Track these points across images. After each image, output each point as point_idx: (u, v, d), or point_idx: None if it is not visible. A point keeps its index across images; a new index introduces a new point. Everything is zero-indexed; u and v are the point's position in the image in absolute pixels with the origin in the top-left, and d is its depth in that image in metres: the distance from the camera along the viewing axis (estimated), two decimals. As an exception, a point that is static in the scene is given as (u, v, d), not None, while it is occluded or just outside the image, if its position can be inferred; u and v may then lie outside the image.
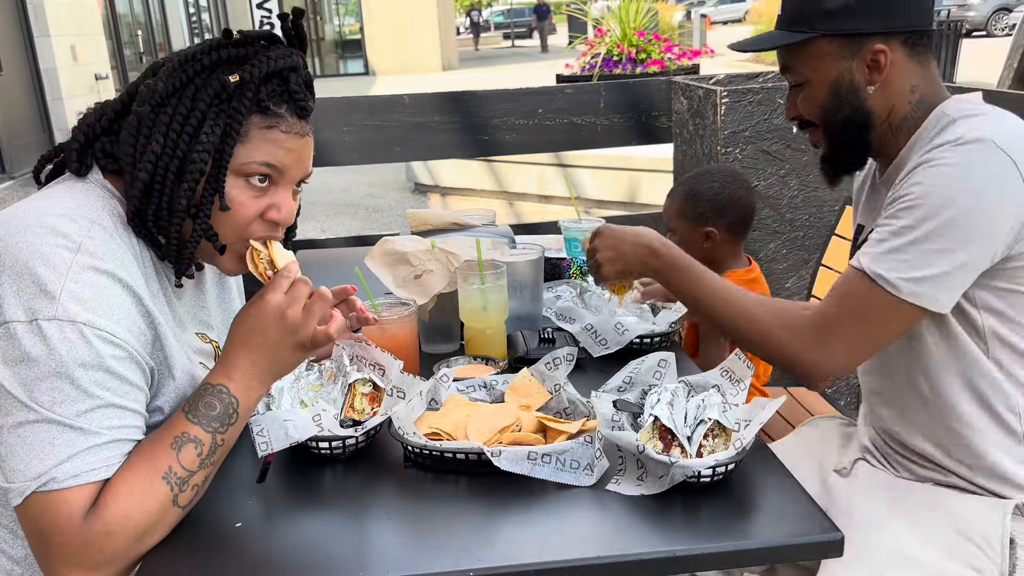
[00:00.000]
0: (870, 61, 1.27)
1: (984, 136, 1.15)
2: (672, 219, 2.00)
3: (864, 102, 1.29)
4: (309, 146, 1.16)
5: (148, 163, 1.06)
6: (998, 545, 1.25)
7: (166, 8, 16.82)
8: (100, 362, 0.99)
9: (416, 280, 1.55)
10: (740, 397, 1.19)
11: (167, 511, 1.00)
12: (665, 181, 3.10)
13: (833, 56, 1.29)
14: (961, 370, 1.27)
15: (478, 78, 19.33)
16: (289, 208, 1.15)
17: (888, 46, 1.26)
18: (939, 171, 1.17)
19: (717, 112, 2.76)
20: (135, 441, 1.03)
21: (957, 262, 1.16)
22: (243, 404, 1.08)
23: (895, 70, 1.28)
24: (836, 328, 1.23)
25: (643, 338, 1.56)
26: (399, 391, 1.29)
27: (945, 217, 1.15)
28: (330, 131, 3.01)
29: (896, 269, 1.17)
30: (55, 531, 0.96)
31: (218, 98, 1.08)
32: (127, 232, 1.10)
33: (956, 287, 1.18)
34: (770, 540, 0.99)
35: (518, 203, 6.97)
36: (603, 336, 1.53)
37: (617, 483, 1.09)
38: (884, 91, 1.29)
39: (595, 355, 1.52)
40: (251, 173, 1.10)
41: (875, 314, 1.20)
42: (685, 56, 7.40)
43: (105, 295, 1.01)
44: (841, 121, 1.31)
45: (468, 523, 1.05)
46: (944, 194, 1.15)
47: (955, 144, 1.17)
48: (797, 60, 1.33)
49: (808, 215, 2.89)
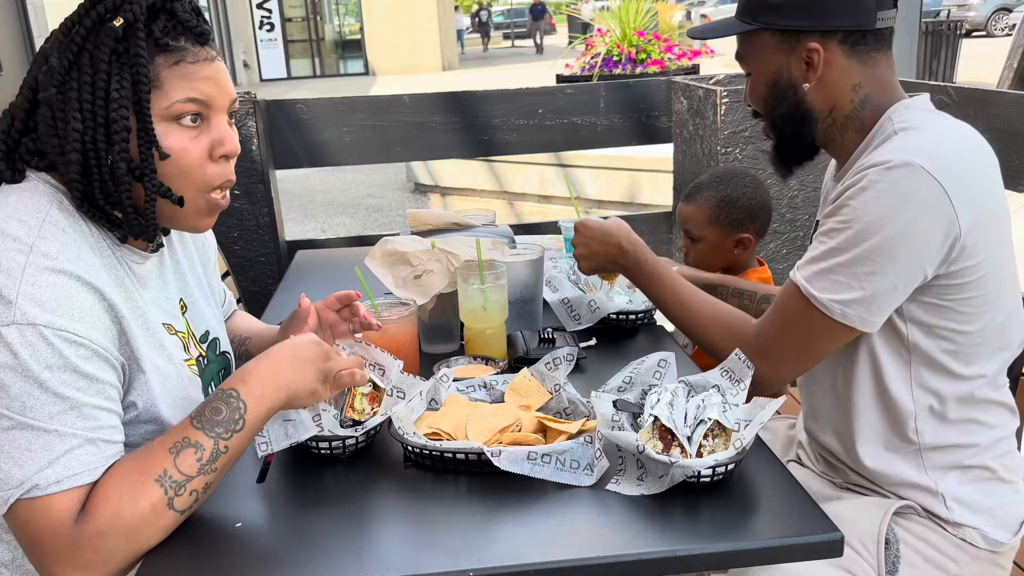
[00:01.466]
0: (806, 59, 1.28)
1: (912, 160, 1.15)
2: (699, 226, 1.91)
3: (802, 98, 1.31)
4: (223, 70, 1.14)
5: (74, 143, 1.04)
6: (872, 544, 1.28)
7: (166, 8, 16.79)
8: (66, 363, 0.97)
9: (416, 280, 1.55)
10: (740, 397, 1.19)
11: (160, 513, 0.99)
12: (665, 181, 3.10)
13: (772, 50, 1.30)
14: (875, 375, 1.30)
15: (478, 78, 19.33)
16: (232, 138, 1.13)
17: (823, 45, 1.26)
18: (868, 195, 1.17)
19: (717, 112, 2.76)
20: (114, 442, 1.02)
21: (886, 284, 1.18)
22: (252, 410, 1.06)
23: (832, 69, 1.28)
24: (776, 343, 1.28)
25: (619, 315, 1.63)
26: (399, 391, 1.29)
27: (875, 241, 1.16)
28: (330, 131, 3.01)
29: (828, 290, 1.21)
30: (46, 535, 0.96)
31: (115, 53, 1.04)
32: (81, 223, 1.07)
33: (885, 308, 1.21)
34: (770, 540, 0.99)
35: (518, 203, 6.98)
36: (577, 312, 1.64)
37: (617, 483, 1.09)
38: (821, 89, 1.29)
39: (569, 329, 1.61)
40: (179, 114, 1.07)
41: (811, 332, 1.24)
42: (685, 56, 7.41)
43: (63, 294, 0.99)
44: (781, 115, 1.34)
45: (468, 523, 1.05)
46: (873, 219, 1.16)
47: (884, 167, 1.17)
48: (745, 50, 1.36)
49: (808, 215, 2.89)
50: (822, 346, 1.26)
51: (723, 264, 1.92)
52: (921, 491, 1.31)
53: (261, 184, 2.86)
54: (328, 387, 1.14)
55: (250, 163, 2.83)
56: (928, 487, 1.30)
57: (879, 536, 1.28)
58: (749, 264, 1.96)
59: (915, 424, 1.29)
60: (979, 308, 1.22)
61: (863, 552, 1.29)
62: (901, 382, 1.28)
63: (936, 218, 1.15)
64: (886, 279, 1.17)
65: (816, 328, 1.23)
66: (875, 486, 1.36)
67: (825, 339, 1.25)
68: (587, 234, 1.52)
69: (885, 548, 1.28)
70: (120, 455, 1.03)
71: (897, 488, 1.33)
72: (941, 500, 1.30)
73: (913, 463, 1.31)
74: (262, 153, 2.84)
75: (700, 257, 1.92)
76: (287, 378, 1.10)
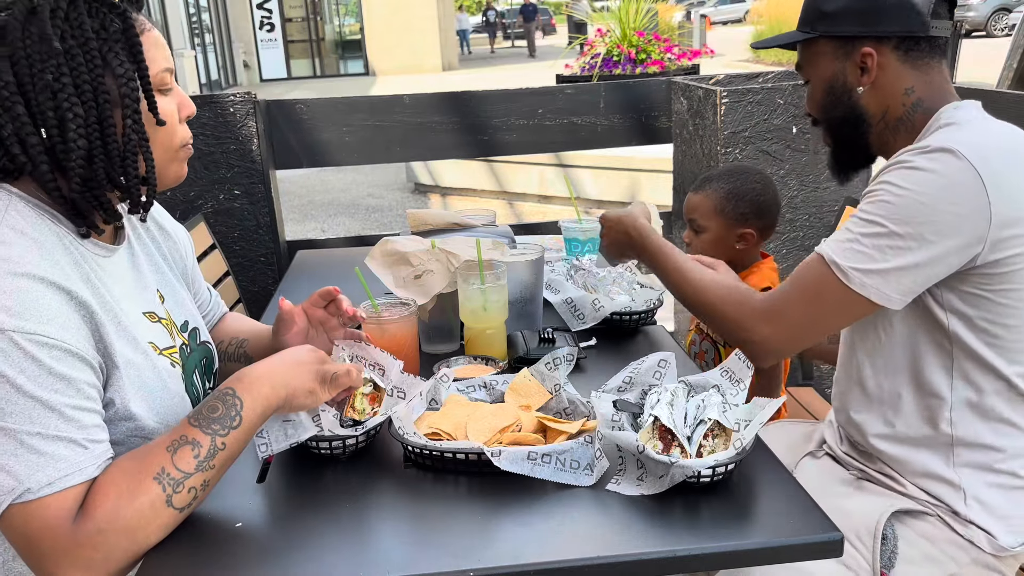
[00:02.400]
0: (860, 63, 1.32)
1: (951, 147, 1.17)
2: (704, 216, 1.92)
3: (856, 102, 1.35)
4: None
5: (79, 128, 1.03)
6: (868, 538, 1.29)
7: (166, 8, 16.82)
8: (41, 366, 0.96)
9: (416, 280, 1.55)
10: (740, 397, 1.19)
11: (160, 511, 0.99)
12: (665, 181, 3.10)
13: (829, 56, 1.36)
14: (913, 364, 1.31)
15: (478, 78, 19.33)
16: (189, 100, 1.19)
17: (877, 50, 1.31)
18: (905, 173, 1.20)
19: (717, 112, 2.76)
20: (100, 441, 1.01)
21: (907, 261, 1.18)
22: (248, 408, 1.06)
23: (885, 73, 1.32)
24: (785, 307, 1.28)
25: (620, 315, 1.64)
26: (399, 391, 1.29)
27: (903, 217, 1.18)
28: (330, 131, 3.01)
29: (850, 259, 1.21)
30: (45, 536, 0.96)
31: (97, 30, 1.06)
32: (40, 223, 1.05)
33: (907, 286, 1.20)
34: (770, 540, 0.99)
35: (518, 203, 6.98)
36: (581, 311, 1.65)
37: (617, 483, 1.09)
38: (875, 92, 1.33)
39: (573, 328, 1.62)
40: (162, 83, 1.12)
41: (824, 298, 1.24)
42: (685, 56, 7.41)
43: (30, 298, 0.97)
44: (837, 119, 1.39)
45: (468, 523, 1.05)
46: (906, 195, 1.18)
47: (923, 151, 1.20)
48: (804, 59, 1.41)
49: (808, 215, 2.89)
50: (833, 316, 1.26)
51: (724, 259, 1.92)
52: (943, 483, 1.31)
53: (261, 184, 2.86)
54: (326, 389, 1.14)
55: (250, 163, 2.83)
56: (951, 481, 1.30)
57: (876, 531, 1.29)
58: (751, 260, 1.96)
59: (950, 415, 1.29)
60: (1019, 302, 1.22)
61: (859, 546, 1.30)
62: (941, 372, 1.28)
63: (967, 203, 1.16)
64: (910, 255, 1.18)
65: (831, 295, 1.23)
66: (895, 474, 1.36)
67: (838, 308, 1.24)
68: (607, 224, 1.60)
69: (882, 543, 1.28)
70: (109, 452, 1.03)
71: (918, 479, 1.33)
72: (961, 496, 1.30)
73: (941, 456, 1.31)
74: (262, 153, 2.84)
75: (702, 248, 1.91)
76: (284, 377, 1.10)
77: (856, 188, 2.89)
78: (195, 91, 17.11)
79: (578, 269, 1.78)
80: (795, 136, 2.81)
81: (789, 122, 2.80)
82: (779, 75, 3.25)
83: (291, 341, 1.36)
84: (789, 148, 2.81)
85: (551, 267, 1.89)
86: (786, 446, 1.62)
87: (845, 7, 1.31)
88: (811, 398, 2.23)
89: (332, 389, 1.15)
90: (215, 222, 2.78)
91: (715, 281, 1.39)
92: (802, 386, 2.31)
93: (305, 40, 25.94)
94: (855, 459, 1.44)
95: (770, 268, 1.95)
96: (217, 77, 22.01)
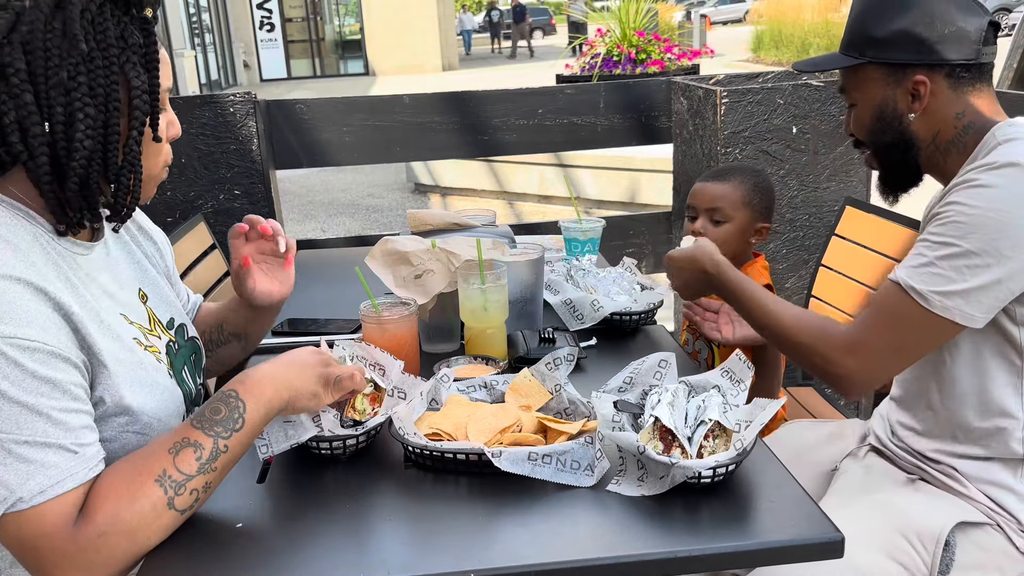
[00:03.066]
0: (912, 90, 1.31)
1: (1017, 160, 1.18)
2: (733, 206, 1.86)
3: (907, 127, 1.34)
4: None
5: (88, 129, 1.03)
6: (931, 544, 1.28)
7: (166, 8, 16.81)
8: (24, 371, 0.94)
9: (416, 280, 1.55)
10: (741, 398, 1.19)
11: (161, 513, 0.99)
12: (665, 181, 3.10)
13: (879, 82, 1.34)
14: (980, 382, 1.30)
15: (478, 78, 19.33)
16: (177, 120, 1.20)
17: (929, 78, 1.30)
18: (973, 191, 1.20)
19: (717, 112, 2.76)
20: (90, 444, 1.00)
21: (987, 279, 1.18)
22: (251, 410, 1.06)
23: (937, 100, 1.31)
24: (871, 338, 1.26)
25: (620, 315, 1.63)
26: (400, 391, 1.29)
27: (978, 235, 1.17)
28: (330, 131, 3.01)
29: (928, 282, 1.20)
30: (44, 542, 0.95)
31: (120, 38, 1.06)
32: (14, 223, 1.04)
33: (987, 303, 1.20)
34: (770, 540, 0.99)
35: (518, 203, 6.97)
36: (580, 311, 1.64)
37: (617, 484, 1.09)
38: (926, 119, 1.33)
39: (572, 328, 1.62)
40: (163, 102, 1.13)
41: (908, 326, 1.23)
42: (685, 56, 7.41)
43: (7, 300, 0.96)
44: (886, 144, 1.37)
45: (468, 523, 1.05)
46: (977, 213, 1.18)
47: (988, 168, 1.20)
48: (850, 83, 1.39)
49: (808, 215, 2.89)
50: (918, 342, 1.25)
51: (734, 252, 1.91)
52: (1010, 493, 1.31)
53: (261, 184, 2.86)
54: (329, 392, 1.14)
55: (250, 163, 2.83)
56: (1018, 491, 1.30)
57: (940, 538, 1.28)
58: (747, 258, 1.96)
59: (1021, 434, 1.29)
60: None
61: (919, 548, 1.29)
62: (1011, 390, 1.28)
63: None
64: (989, 272, 1.18)
65: (913, 322, 1.23)
66: (960, 477, 1.35)
67: (922, 334, 1.24)
68: (675, 264, 1.55)
69: (944, 549, 1.28)
70: (101, 454, 1.02)
71: (984, 486, 1.32)
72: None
73: (1010, 469, 1.31)
74: (262, 153, 2.84)
75: (721, 239, 1.87)
76: (287, 379, 1.10)
77: (856, 189, 2.89)
78: (195, 91, 17.12)
79: (577, 269, 1.78)
80: (795, 136, 2.81)
81: (789, 122, 2.80)
82: (779, 75, 3.25)
83: (258, 288, 1.41)
84: (789, 148, 2.81)
85: (551, 267, 1.88)
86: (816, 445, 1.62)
87: (898, 33, 1.29)
88: (811, 398, 2.23)
89: (336, 392, 1.15)
90: (215, 222, 2.78)
91: (796, 315, 1.37)
92: (802, 386, 2.31)
93: (305, 40, 25.93)
94: (913, 457, 1.43)
95: (763, 266, 1.95)
96: (217, 77, 22.01)
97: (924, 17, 1.28)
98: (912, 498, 1.37)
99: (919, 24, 1.28)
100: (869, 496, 1.40)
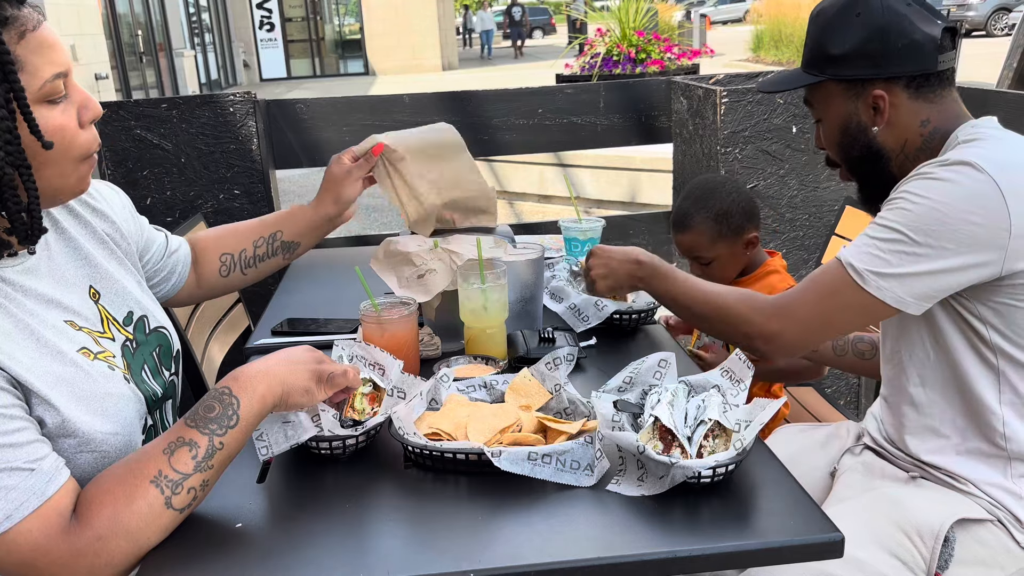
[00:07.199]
0: (872, 104, 1.33)
1: (970, 159, 1.19)
2: (707, 249, 1.89)
3: (873, 139, 1.36)
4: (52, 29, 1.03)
5: None
6: (931, 540, 1.29)
7: (166, 8, 16.81)
8: None
9: (419, 280, 1.55)
10: (740, 398, 1.19)
11: (159, 513, 0.99)
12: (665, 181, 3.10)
13: (840, 97, 1.36)
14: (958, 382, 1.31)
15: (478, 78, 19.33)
16: (93, 99, 1.07)
17: (888, 91, 1.31)
18: (924, 183, 1.22)
19: (717, 112, 2.76)
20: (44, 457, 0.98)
21: (924, 268, 1.20)
22: (245, 406, 1.06)
23: (899, 111, 1.32)
24: (800, 306, 1.30)
25: (620, 315, 1.64)
26: (399, 391, 1.28)
27: (922, 225, 1.19)
28: (330, 131, 3.01)
29: (867, 262, 1.23)
30: (37, 556, 0.94)
31: None
32: None
33: (921, 291, 1.22)
34: (770, 540, 0.99)
35: (518, 203, 6.97)
36: (585, 313, 1.65)
37: (617, 483, 1.09)
38: (891, 130, 1.34)
39: (577, 330, 1.63)
40: (51, 94, 1.01)
41: (840, 300, 1.26)
42: (685, 56, 7.42)
43: None
44: (855, 157, 1.39)
45: (468, 523, 1.05)
46: (925, 204, 1.20)
47: (943, 164, 1.22)
48: (814, 99, 1.41)
49: (808, 215, 2.89)
50: (847, 318, 1.27)
51: (739, 269, 1.93)
52: (1005, 492, 1.31)
53: (261, 184, 2.86)
54: (322, 388, 1.13)
55: (250, 163, 2.83)
56: (1013, 491, 1.31)
57: (939, 534, 1.28)
58: (760, 259, 1.97)
59: (1004, 430, 1.30)
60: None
61: (918, 544, 1.30)
62: (989, 388, 1.29)
63: (986, 214, 1.17)
64: (927, 262, 1.19)
65: (846, 297, 1.25)
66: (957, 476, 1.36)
67: (851, 310, 1.26)
68: (606, 254, 1.55)
69: (943, 544, 1.29)
70: (59, 461, 1.00)
71: (982, 484, 1.33)
72: (1022, 506, 1.30)
73: (1000, 469, 1.32)
74: (262, 153, 2.84)
75: (717, 274, 1.90)
76: (280, 375, 1.09)
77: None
78: (195, 91, 17.10)
79: (577, 275, 1.78)
80: (795, 136, 2.81)
81: (789, 122, 2.80)
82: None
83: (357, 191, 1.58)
84: (789, 148, 2.81)
85: (552, 273, 1.88)
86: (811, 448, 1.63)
87: (853, 50, 1.31)
88: (811, 398, 2.23)
89: (329, 388, 1.14)
90: (215, 222, 2.76)
91: (728, 288, 1.41)
92: (802, 386, 2.31)
93: (305, 40, 25.92)
94: (909, 457, 1.43)
95: (781, 265, 1.95)
96: (217, 77, 22.00)
97: (878, 33, 1.29)
98: (912, 494, 1.37)
99: (873, 40, 1.29)
100: (868, 492, 1.41)
